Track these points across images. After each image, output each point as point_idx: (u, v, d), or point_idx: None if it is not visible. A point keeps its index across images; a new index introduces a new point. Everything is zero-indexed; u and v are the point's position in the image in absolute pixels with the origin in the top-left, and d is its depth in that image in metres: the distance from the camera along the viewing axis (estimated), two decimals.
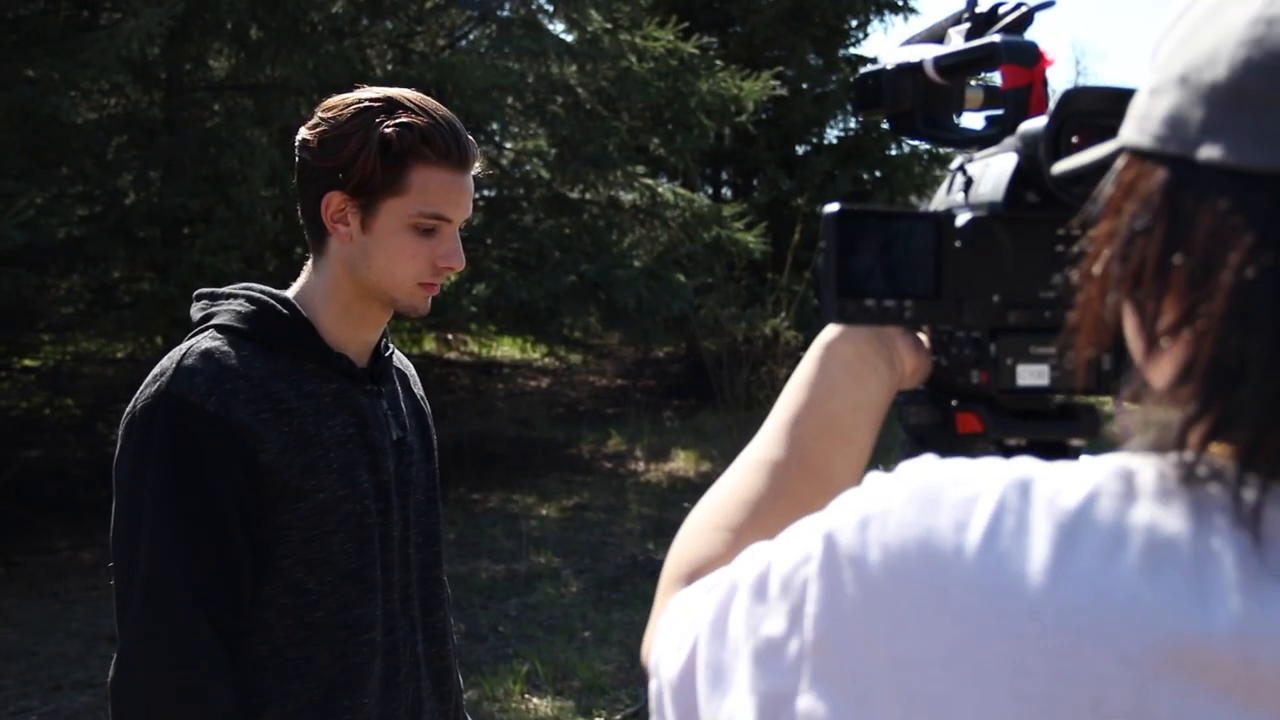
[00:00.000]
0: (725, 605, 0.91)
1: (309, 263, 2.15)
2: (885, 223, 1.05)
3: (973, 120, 1.23)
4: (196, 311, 2.14)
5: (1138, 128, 0.80)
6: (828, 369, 1.12)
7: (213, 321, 2.08)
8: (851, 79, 16.79)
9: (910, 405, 1.14)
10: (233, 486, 1.96)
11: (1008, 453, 1.07)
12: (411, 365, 2.37)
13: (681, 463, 12.35)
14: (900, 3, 17.06)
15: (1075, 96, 1.01)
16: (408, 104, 2.03)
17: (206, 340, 2.03)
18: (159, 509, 1.93)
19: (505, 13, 11.24)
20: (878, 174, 16.71)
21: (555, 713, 6.22)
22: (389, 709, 2.10)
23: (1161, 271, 0.77)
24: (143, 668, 1.92)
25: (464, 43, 11.60)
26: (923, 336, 1.16)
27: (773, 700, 0.83)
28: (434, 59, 10.28)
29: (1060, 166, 0.89)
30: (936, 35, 1.25)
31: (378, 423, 2.13)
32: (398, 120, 2.00)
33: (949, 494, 0.79)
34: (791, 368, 11.50)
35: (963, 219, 1.05)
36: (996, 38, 1.14)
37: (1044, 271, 1.06)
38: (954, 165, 1.15)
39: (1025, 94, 1.11)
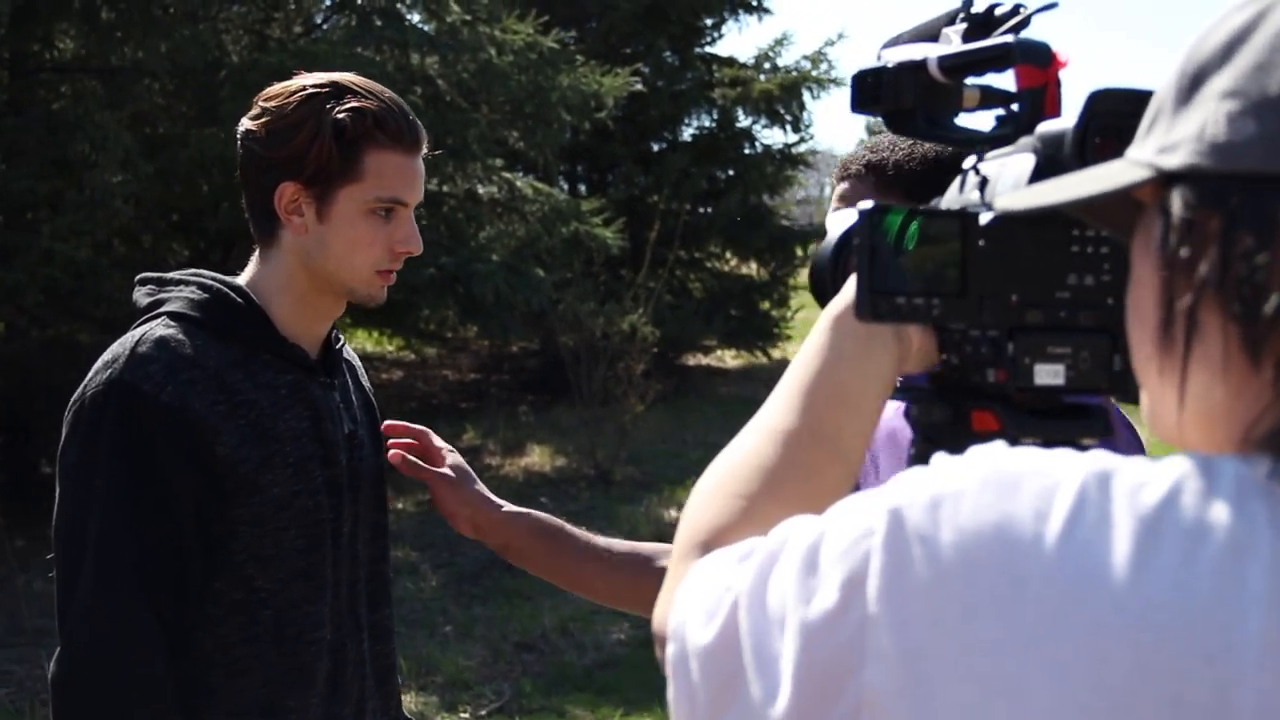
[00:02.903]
0: (764, 574, 0.91)
1: (256, 253, 2.08)
2: (918, 221, 1.06)
3: (968, 120, 1.25)
4: (143, 297, 2.06)
5: (1224, 154, 0.80)
6: (836, 338, 1.12)
7: (164, 309, 2.00)
8: (706, 77, 16.96)
9: (918, 403, 1.15)
10: (187, 479, 1.89)
11: None
12: (358, 358, 2.32)
13: (537, 457, 12.32)
14: (755, 3, 17.27)
15: (1102, 97, 1.02)
16: (355, 88, 1.99)
17: (160, 328, 1.95)
18: (109, 500, 1.86)
19: (361, 1, 11.09)
20: (731, 172, 16.91)
21: (420, 708, 6.16)
22: (333, 708, 2.05)
23: None
24: (88, 661, 1.85)
25: (317, 33, 11.38)
26: None
27: (830, 673, 0.83)
28: (292, 46, 10.09)
29: (1068, 194, 0.89)
30: (928, 34, 1.26)
31: (331, 416, 2.08)
32: (348, 105, 1.96)
33: (1028, 482, 0.80)
34: (648, 363, 11.60)
35: (986, 217, 1.06)
36: (1009, 38, 1.15)
37: (1060, 271, 1.07)
38: (966, 164, 1.16)
39: (1040, 94, 1.12)
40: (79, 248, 8.19)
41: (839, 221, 1.28)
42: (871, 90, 1.24)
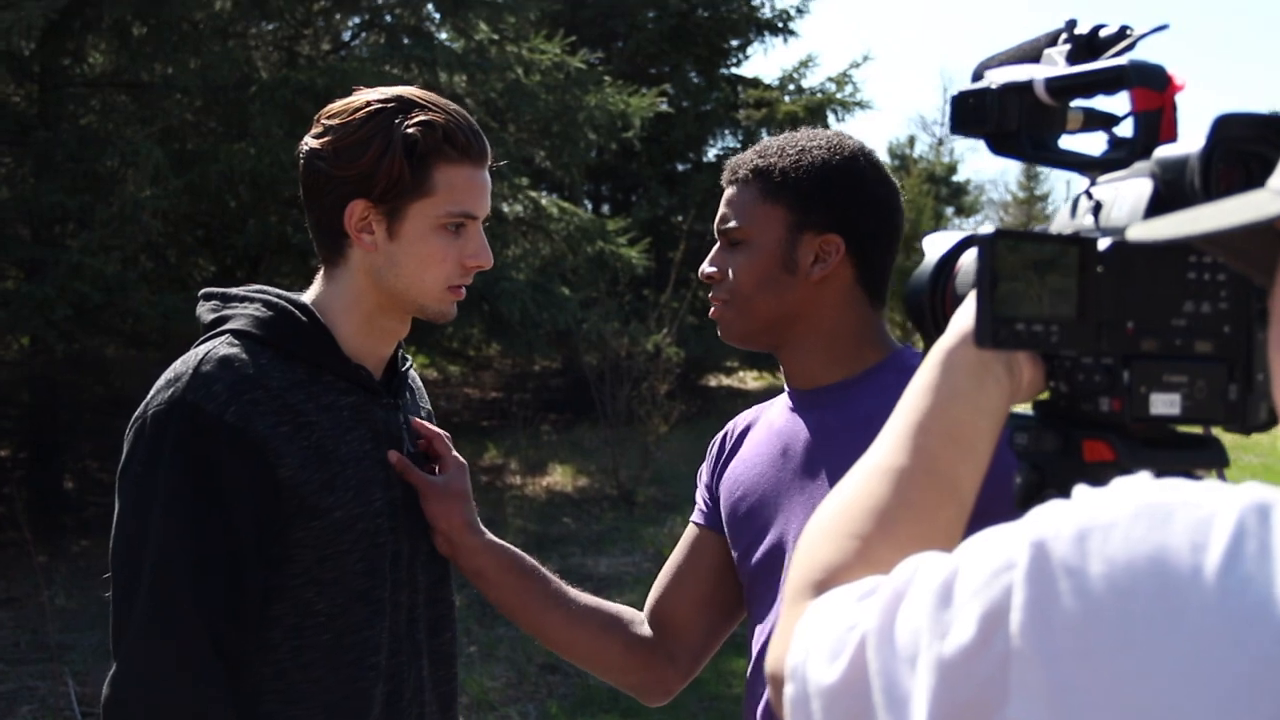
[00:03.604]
0: (891, 611, 0.89)
1: (321, 272, 2.05)
2: (1036, 246, 1.03)
3: (1070, 142, 1.22)
4: (207, 313, 2.03)
5: None
6: (949, 374, 1.10)
7: (228, 326, 1.97)
8: (731, 98, 16.98)
9: (1024, 431, 1.12)
10: (249, 502, 1.86)
11: None
12: (419, 378, 2.28)
13: (559, 477, 12.30)
14: (781, 24, 17.30)
15: (1227, 123, 1.00)
16: (421, 102, 1.95)
17: (224, 346, 1.92)
18: (168, 521, 1.83)
19: (390, 19, 11.13)
20: None
21: None
22: None
23: None
24: (142, 688, 1.82)
25: (344, 52, 11.42)
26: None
27: (969, 710, 0.81)
28: (321, 63, 10.12)
29: (1211, 225, 0.86)
30: (1028, 55, 1.24)
31: (393, 438, 2.04)
32: (416, 119, 1.92)
33: (1181, 513, 0.77)
34: (672, 384, 11.58)
35: (1104, 243, 1.04)
36: (1123, 60, 1.13)
37: (1177, 298, 1.05)
38: (1078, 188, 1.13)
39: (1155, 118, 1.09)
40: (108, 262, 8.21)
41: (936, 244, 1.25)
42: (974, 112, 1.21)
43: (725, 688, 6.91)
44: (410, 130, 1.91)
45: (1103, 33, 1.19)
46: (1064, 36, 1.21)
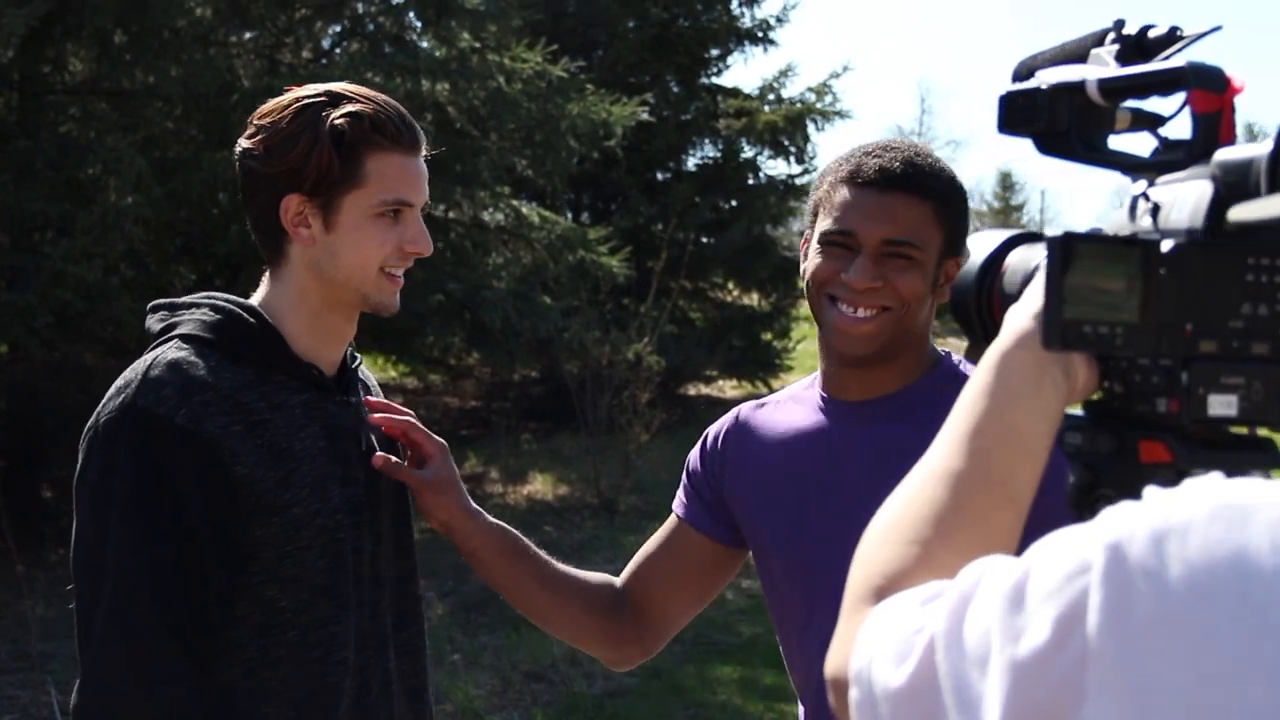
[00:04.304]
0: (959, 615, 0.89)
1: (266, 274, 2.07)
2: (1100, 248, 1.03)
3: (1117, 142, 1.21)
4: (155, 323, 2.05)
5: None
6: (1006, 377, 1.10)
7: (176, 331, 1.99)
8: (711, 108, 17.01)
9: (1077, 431, 1.11)
10: (204, 503, 1.88)
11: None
12: (373, 376, 2.29)
13: (540, 485, 12.28)
14: (760, 34, 17.35)
15: None
16: (349, 94, 1.98)
17: (172, 350, 1.94)
18: (125, 527, 1.85)
19: (372, 27, 11.11)
20: (735, 203, 16.92)
21: None
22: None
23: None
24: (109, 694, 1.84)
25: (325, 60, 11.37)
26: None
27: (1044, 711, 0.81)
28: (303, 71, 10.09)
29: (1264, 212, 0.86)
30: (1074, 55, 1.23)
31: (348, 434, 2.06)
32: (344, 110, 1.94)
33: (1260, 513, 0.78)
34: (653, 393, 11.58)
35: (1167, 245, 1.04)
36: (1181, 61, 1.12)
37: (1234, 300, 1.05)
38: (1135, 190, 1.13)
39: (1214, 120, 1.09)
40: (89, 270, 8.17)
41: (981, 243, 1.25)
42: (1023, 112, 1.21)
43: (710, 694, 6.91)
44: (338, 122, 1.94)
45: (1151, 33, 1.18)
46: (1111, 37, 1.20)
